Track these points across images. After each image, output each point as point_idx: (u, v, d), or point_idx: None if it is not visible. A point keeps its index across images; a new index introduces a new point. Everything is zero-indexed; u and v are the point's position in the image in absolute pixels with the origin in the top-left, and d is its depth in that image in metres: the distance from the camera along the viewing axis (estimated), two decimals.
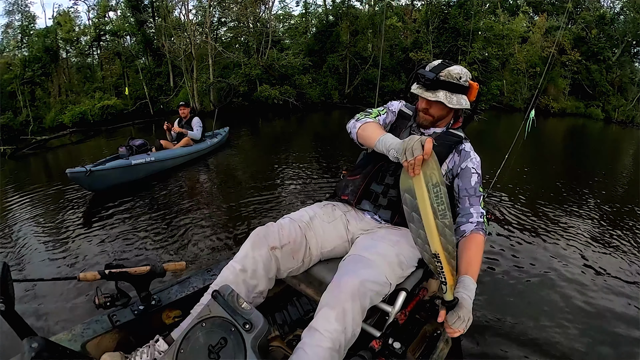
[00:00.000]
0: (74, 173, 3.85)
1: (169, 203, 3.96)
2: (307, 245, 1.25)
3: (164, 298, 1.33)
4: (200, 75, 14.74)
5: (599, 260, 2.93)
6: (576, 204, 4.34)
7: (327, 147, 7.85)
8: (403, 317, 1.17)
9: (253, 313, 0.85)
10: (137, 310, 1.24)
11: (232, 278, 1.14)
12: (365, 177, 1.35)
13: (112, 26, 16.32)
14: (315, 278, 1.26)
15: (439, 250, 1.02)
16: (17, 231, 3.35)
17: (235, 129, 9.80)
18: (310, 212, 1.34)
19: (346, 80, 17.61)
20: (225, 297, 0.88)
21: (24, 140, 9.24)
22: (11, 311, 0.82)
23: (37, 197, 4.36)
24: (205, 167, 5.66)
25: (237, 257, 1.18)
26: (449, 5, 17.73)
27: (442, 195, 1.02)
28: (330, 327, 0.96)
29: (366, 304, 1.02)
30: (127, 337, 1.19)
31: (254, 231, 1.22)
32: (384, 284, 1.08)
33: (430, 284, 1.34)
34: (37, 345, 0.63)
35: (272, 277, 1.20)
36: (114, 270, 1.15)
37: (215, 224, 3.32)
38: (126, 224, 3.35)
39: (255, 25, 16.05)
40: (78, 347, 1.07)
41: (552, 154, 8.50)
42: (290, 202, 3.98)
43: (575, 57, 18.43)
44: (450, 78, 1.21)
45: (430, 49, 17.25)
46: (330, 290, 1.03)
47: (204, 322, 0.87)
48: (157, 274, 1.21)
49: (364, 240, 1.24)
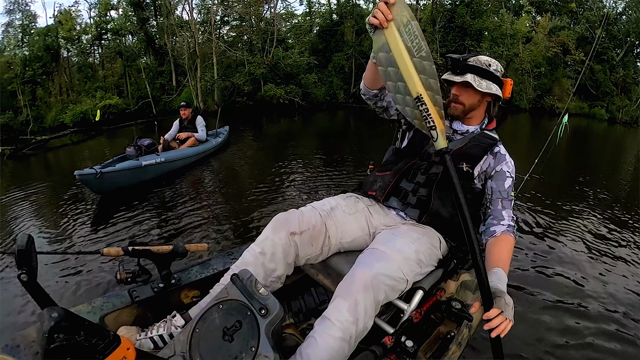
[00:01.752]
0: (84, 175, 3.62)
1: (186, 197, 3.92)
2: (327, 234, 1.25)
3: (184, 278, 1.35)
4: (204, 74, 14.53)
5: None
6: (603, 210, 4.09)
7: (337, 146, 7.63)
8: (418, 316, 1.16)
9: (269, 299, 0.87)
10: (157, 288, 1.26)
11: (251, 260, 1.16)
12: (396, 174, 1.33)
13: (114, 24, 16.13)
14: (333, 269, 1.27)
15: (421, 91, 0.98)
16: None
17: (240, 128, 9.67)
18: (333, 202, 1.34)
19: (352, 80, 17.37)
20: (244, 281, 0.89)
21: (23, 140, 8.99)
22: (33, 282, 0.84)
23: (40, 198, 4.16)
24: (213, 167, 5.55)
25: (258, 240, 1.20)
26: (455, 3, 17.50)
27: (414, 31, 0.96)
28: (341, 317, 0.96)
29: (380, 297, 1.01)
30: (146, 313, 1.22)
31: (276, 216, 1.24)
32: (400, 280, 1.07)
33: (449, 285, 1.31)
34: (56, 315, 0.64)
35: (290, 263, 1.21)
36: (137, 247, 1.17)
37: (232, 215, 3.35)
38: (147, 215, 3.34)
39: (258, 23, 15.85)
40: (97, 319, 1.10)
41: (574, 158, 8.13)
42: (314, 195, 3.99)
43: (580, 57, 18.28)
44: (479, 63, 1.21)
45: (437, 49, 17.01)
46: (344, 281, 1.03)
47: (221, 304, 0.88)
48: (179, 254, 1.24)
49: (384, 235, 1.23)
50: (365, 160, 5.90)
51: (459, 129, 1.32)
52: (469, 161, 1.26)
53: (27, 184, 4.80)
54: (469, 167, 1.26)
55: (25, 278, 0.82)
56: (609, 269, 2.70)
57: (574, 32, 18.72)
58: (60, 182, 4.85)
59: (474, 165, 1.26)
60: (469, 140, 1.28)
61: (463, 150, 1.27)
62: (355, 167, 5.44)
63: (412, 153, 1.35)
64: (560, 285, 2.41)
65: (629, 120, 18.27)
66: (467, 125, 1.32)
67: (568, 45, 18.26)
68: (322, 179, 4.71)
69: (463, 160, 1.26)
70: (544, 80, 18.67)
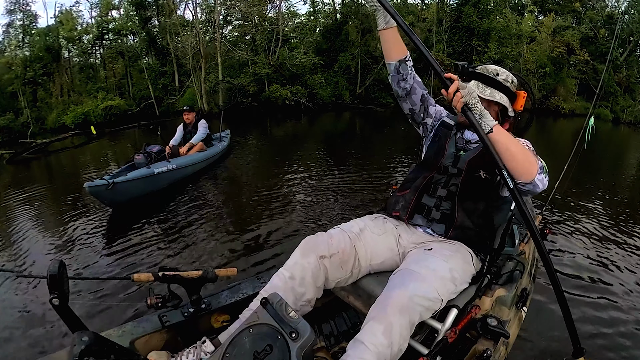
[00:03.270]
0: (94, 187, 3.34)
1: (203, 211, 3.75)
2: (357, 256, 1.23)
3: (213, 302, 1.34)
4: (208, 75, 14.30)
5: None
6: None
7: (349, 151, 7.38)
8: (453, 335, 1.11)
9: (300, 322, 0.86)
10: (187, 313, 1.25)
11: (280, 285, 1.14)
12: (415, 191, 1.32)
13: (115, 24, 15.93)
14: (364, 291, 1.24)
15: None
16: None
17: (245, 131, 9.45)
18: (361, 224, 1.32)
19: (357, 80, 17.13)
20: (274, 305, 0.89)
21: (23, 143, 8.75)
22: (65, 306, 0.85)
23: (47, 210, 3.97)
24: (221, 173, 5.37)
25: (287, 264, 1.19)
26: (461, 3, 17.23)
27: None
28: (376, 340, 0.94)
29: (415, 319, 0.99)
30: (175, 338, 1.22)
31: (304, 240, 1.22)
32: (435, 300, 1.04)
33: (484, 302, 1.28)
34: (87, 339, 0.64)
35: (320, 286, 1.19)
36: (167, 273, 1.18)
37: (256, 234, 3.19)
38: (167, 232, 3.20)
39: (262, 23, 15.62)
40: (127, 343, 1.09)
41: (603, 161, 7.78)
42: (336, 209, 3.81)
43: (585, 57, 18.06)
44: (485, 72, 1.21)
45: (443, 49, 16.74)
46: (378, 304, 1.02)
47: (251, 328, 0.88)
48: (209, 279, 1.24)
49: (415, 254, 1.20)
50: (380, 166, 5.81)
51: (472, 138, 1.31)
52: (487, 168, 1.23)
53: (29, 193, 4.60)
54: (487, 174, 1.23)
55: (57, 302, 0.84)
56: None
57: (579, 32, 18.46)
58: (65, 191, 4.65)
59: (493, 171, 1.22)
60: (483, 148, 1.24)
61: (479, 157, 1.25)
62: (371, 175, 5.23)
63: (429, 167, 1.34)
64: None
65: (633, 121, 18.06)
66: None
67: (573, 45, 18.00)
68: (340, 191, 4.49)
69: (480, 168, 1.24)
70: (548, 80, 18.45)
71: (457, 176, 1.26)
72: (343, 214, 3.57)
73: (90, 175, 5.59)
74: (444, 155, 1.31)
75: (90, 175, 5.59)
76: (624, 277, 2.60)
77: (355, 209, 3.78)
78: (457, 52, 16.63)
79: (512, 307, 1.33)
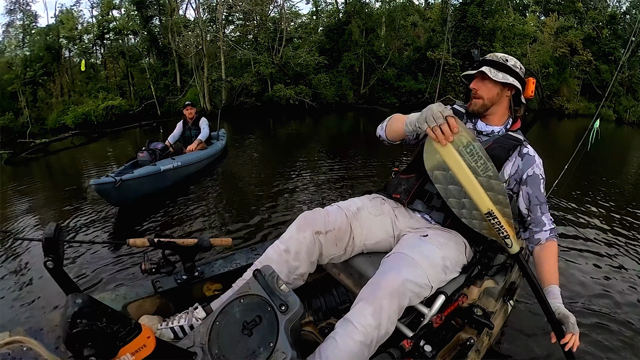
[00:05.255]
0: (101, 185, 3.16)
1: (208, 198, 3.84)
2: (352, 235, 1.25)
3: (207, 271, 1.35)
4: (211, 74, 14.12)
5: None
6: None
7: (352, 149, 7.20)
8: (439, 320, 1.14)
9: (290, 296, 0.87)
10: (180, 280, 1.27)
11: (275, 257, 1.16)
12: (420, 177, 1.30)
13: (116, 24, 15.78)
14: (356, 270, 1.26)
15: (491, 207, 1.03)
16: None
17: (246, 130, 9.33)
18: (359, 203, 1.32)
19: (361, 80, 16.93)
20: (266, 277, 0.90)
21: (22, 143, 8.55)
22: (59, 269, 0.87)
23: (48, 211, 3.75)
24: (223, 170, 5.34)
25: (282, 238, 1.20)
26: (465, 3, 17.03)
27: (477, 151, 1.00)
28: (365, 321, 0.95)
29: (404, 303, 1.00)
30: (168, 304, 1.23)
31: (301, 214, 1.23)
32: (425, 287, 1.06)
33: (471, 292, 1.28)
34: (80, 301, 0.65)
35: (314, 261, 1.21)
36: (162, 239, 1.19)
37: (255, 213, 3.28)
38: (174, 208, 3.33)
39: (266, 22, 15.46)
40: (119, 307, 1.11)
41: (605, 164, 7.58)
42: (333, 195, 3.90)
43: (588, 57, 17.90)
44: (496, 58, 1.23)
45: (448, 48, 16.55)
46: (370, 285, 1.02)
47: (242, 298, 0.89)
48: (203, 248, 1.25)
49: (410, 239, 1.20)
50: (381, 163, 5.66)
51: (484, 130, 1.29)
52: (494, 162, 1.20)
53: (29, 195, 4.41)
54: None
55: (52, 265, 0.85)
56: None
57: (582, 32, 18.34)
58: (67, 191, 4.49)
59: (499, 167, 1.21)
60: (492, 142, 1.25)
61: (488, 151, 1.22)
62: (373, 170, 5.19)
63: None
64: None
65: (636, 121, 17.86)
66: (491, 125, 1.29)
67: (576, 45, 17.85)
68: (339, 182, 4.55)
69: None
70: (552, 80, 18.29)
71: None
72: (341, 195, 3.63)
73: (92, 175, 5.41)
74: None
75: (92, 175, 5.41)
76: (624, 278, 2.48)
77: (354, 189, 3.89)
78: (462, 52, 16.41)
79: (499, 299, 1.36)
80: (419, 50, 17.61)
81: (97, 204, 3.64)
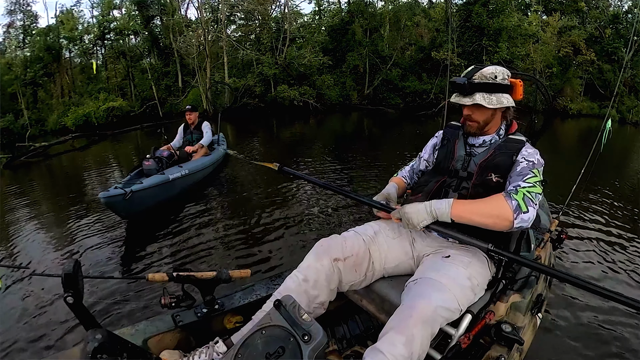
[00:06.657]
0: (111, 198, 2.97)
1: (217, 214, 3.65)
2: (371, 260, 1.23)
3: (227, 303, 1.34)
4: (213, 75, 13.94)
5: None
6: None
7: (362, 154, 7.00)
8: (466, 340, 1.08)
9: (313, 325, 0.85)
10: (200, 313, 1.26)
11: (294, 287, 1.14)
12: (427, 195, 1.30)
13: (117, 24, 15.61)
14: (378, 294, 1.23)
15: None
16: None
17: (249, 132, 9.11)
18: (375, 227, 1.32)
19: (365, 81, 16.74)
20: (287, 307, 0.88)
21: (21, 147, 8.39)
22: (79, 304, 0.86)
23: (49, 221, 3.59)
24: (227, 177, 5.18)
25: (300, 267, 1.19)
26: (470, 2, 16.82)
27: None
28: (396, 351, 0.91)
29: (436, 330, 0.98)
30: (188, 338, 1.22)
31: (318, 242, 1.23)
32: (455, 310, 1.04)
33: (498, 308, 1.25)
34: (100, 337, 0.65)
35: (333, 289, 1.19)
36: (181, 273, 1.20)
37: (270, 236, 3.10)
38: (188, 234, 3.10)
39: (269, 22, 15.28)
40: (140, 342, 1.10)
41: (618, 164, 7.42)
42: (346, 212, 3.64)
43: (591, 57, 17.69)
44: (484, 79, 1.19)
45: (453, 48, 16.34)
46: (399, 313, 0.99)
47: (263, 329, 0.88)
48: (222, 280, 1.24)
49: (433, 261, 1.18)
50: (392, 169, 5.40)
51: (475, 142, 1.29)
52: (498, 171, 1.21)
53: (30, 202, 4.24)
54: (499, 177, 1.20)
55: (71, 300, 0.85)
56: None
57: (585, 32, 18.18)
58: (69, 197, 4.34)
59: (505, 174, 1.19)
60: (494, 150, 1.24)
61: (489, 160, 1.23)
62: (380, 173, 5.08)
63: (440, 171, 1.33)
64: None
65: (639, 121, 17.61)
66: (483, 137, 1.28)
67: (579, 45, 17.68)
68: (346, 186, 4.36)
69: (491, 172, 1.22)
70: (555, 80, 18.13)
71: (467, 180, 1.25)
72: (357, 218, 3.41)
73: (94, 180, 5.23)
74: (454, 158, 1.31)
75: (94, 180, 5.23)
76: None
77: (370, 213, 3.44)
78: (467, 52, 16.21)
79: (527, 313, 1.32)
80: (423, 50, 17.42)
81: (103, 213, 3.48)
